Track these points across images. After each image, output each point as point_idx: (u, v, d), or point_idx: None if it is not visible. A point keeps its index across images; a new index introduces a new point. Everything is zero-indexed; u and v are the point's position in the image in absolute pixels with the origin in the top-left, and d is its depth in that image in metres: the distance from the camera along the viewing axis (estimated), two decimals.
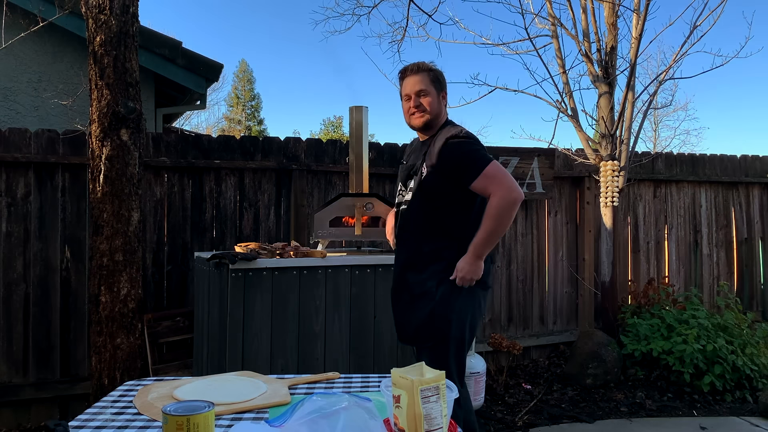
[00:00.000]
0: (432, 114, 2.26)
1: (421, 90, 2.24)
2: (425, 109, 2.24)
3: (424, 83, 2.24)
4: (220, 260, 2.93)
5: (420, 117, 2.26)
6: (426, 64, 2.28)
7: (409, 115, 2.28)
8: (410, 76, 2.26)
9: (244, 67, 32.37)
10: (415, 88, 2.24)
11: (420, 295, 2.22)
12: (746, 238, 5.66)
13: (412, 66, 2.28)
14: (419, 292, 2.22)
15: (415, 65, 2.28)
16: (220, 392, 1.40)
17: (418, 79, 2.24)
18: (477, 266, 2.15)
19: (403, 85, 2.30)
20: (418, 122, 2.27)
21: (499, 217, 2.11)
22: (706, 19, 4.40)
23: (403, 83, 2.29)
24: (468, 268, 2.14)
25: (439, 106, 2.29)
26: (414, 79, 2.25)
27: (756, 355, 4.24)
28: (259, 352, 2.90)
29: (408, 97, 2.27)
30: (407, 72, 2.27)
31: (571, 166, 4.97)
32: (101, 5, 2.84)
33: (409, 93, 2.26)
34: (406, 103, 2.29)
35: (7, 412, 3.51)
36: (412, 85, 2.25)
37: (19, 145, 3.54)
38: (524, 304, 4.85)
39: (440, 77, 2.29)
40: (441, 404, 1.10)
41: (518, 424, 3.63)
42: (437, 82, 2.28)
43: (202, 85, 5.12)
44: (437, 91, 2.27)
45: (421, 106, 2.24)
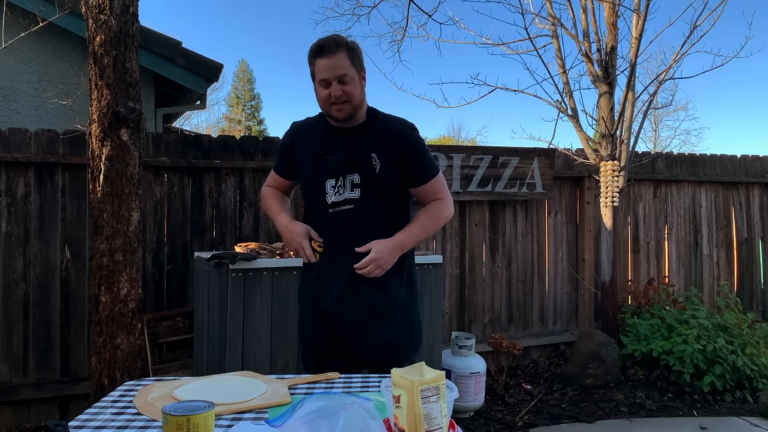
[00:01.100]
0: (357, 103, 1.89)
1: (344, 75, 1.84)
2: (348, 98, 1.86)
3: (344, 66, 1.84)
4: (220, 260, 2.93)
5: (343, 109, 1.87)
6: (342, 38, 1.87)
7: (329, 104, 1.88)
8: (327, 57, 1.84)
9: (244, 67, 32.40)
10: (334, 73, 1.84)
11: (386, 307, 1.92)
12: (746, 238, 5.66)
13: (328, 42, 1.84)
14: (384, 304, 1.92)
15: (332, 40, 1.85)
16: (220, 392, 1.40)
17: (337, 61, 1.83)
18: (396, 257, 1.87)
19: (317, 67, 1.86)
20: (341, 115, 1.88)
21: (440, 222, 1.98)
22: (706, 19, 4.41)
23: (318, 64, 1.86)
24: (389, 256, 1.84)
25: (362, 92, 1.92)
26: (332, 62, 1.83)
27: (756, 355, 4.23)
28: (259, 352, 2.90)
29: (326, 83, 1.85)
30: (323, 51, 1.84)
31: (571, 166, 4.96)
32: (101, 5, 2.84)
33: (328, 78, 1.84)
34: (324, 90, 1.87)
35: (7, 412, 3.51)
36: (331, 69, 1.84)
37: (19, 145, 3.54)
38: (524, 304, 4.85)
39: (359, 53, 1.91)
40: (441, 404, 1.10)
41: (518, 424, 3.63)
42: (357, 61, 1.89)
43: (202, 85, 5.11)
44: (358, 73, 1.89)
45: (343, 96, 1.85)
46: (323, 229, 1.93)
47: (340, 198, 1.90)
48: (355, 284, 1.89)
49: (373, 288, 1.90)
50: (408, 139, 1.94)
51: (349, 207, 1.90)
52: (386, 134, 1.93)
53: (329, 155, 1.92)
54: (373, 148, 1.90)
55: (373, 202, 1.90)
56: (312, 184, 1.96)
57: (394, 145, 1.91)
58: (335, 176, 1.91)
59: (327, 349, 1.96)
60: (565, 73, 4.68)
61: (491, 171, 4.54)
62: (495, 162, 4.55)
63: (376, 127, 1.94)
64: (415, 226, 1.93)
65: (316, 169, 1.94)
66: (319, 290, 1.95)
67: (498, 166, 4.56)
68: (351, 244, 1.89)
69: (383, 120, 1.97)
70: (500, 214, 4.76)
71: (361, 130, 1.95)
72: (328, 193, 1.92)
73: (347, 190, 1.90)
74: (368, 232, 1.89)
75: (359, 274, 1.86)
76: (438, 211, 1.97)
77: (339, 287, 1.91)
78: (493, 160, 4.54)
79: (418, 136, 1.98)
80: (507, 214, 4.79)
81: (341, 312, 1.91)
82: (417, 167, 1.94)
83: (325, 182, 1.92)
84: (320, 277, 1.95)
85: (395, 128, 1.95)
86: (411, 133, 1.95)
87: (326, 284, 1.93)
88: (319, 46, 1.86)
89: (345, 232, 1.90)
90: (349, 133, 1.95)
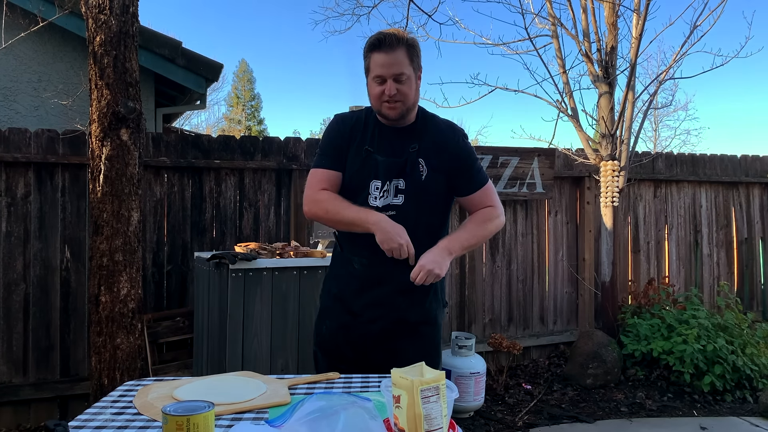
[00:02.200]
0: (411, 104, 1.81)
1: (401, 74, 1.76)
2: (403, 98, 1.78)
3: (402, 64, 1.76)
4: (220, 260, 2.93)
5: (396, 108, 1.79)
6: (403, 33, 1.79)
7: (381, 102, 1.79)
8: (386, 53, 1.75)
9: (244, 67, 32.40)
10: (392, 71, 1.75)
11: (417, 325, 1.85)
12: (746, 238, 5.66)
13: (388, 37, 1.75)
14: (416, 321, 1.84)
15: (392, 36, 1.76)
16: (220, 392, 1.40)
17: (396, 57, 1.75)
18: (446, 266, 1.75)
19: (373, 61, 1.78)
20: (394, 114, 1.80)
21: (489, 229, 1.86)
22: (706, 19, 4.41)
23: (374, 58, 1.78)
24: (441, 264, 1.71)
25: (417, 92, 1.84)
26: (390, 58, 1.75)
27: (756, 355, 4.23)
28: (259, 352, 2.90)
29: (381, 80, 1.77)
30: (382, 46, 1.76)
31: (571, 166, 4.96)
32: (101, 5, 2.84)
33: (384, 75, 1.76)
34: (377, 87, 1.78)
35: (7, 412, 3.51)
36: (389, 66, 1.75)
37: (19, 145, 3.54)
38: (524, 304, 4.85)
39: (418, 51, 1.83)
40: (441, 404, 1.10)
41: (518, 425, 3.63)
42: (416, 59, 1.81)
43: (202, 85, 5.11)
44: (415, 72, 1.81)
45: (398, 95, 1.76)
46: (364, 244, 1.80)
47: (384, 203, 1.81)
48: (390, 294, 1.82)
49: (409, 303, 1.83)
50: (458, 147, 1.86)
51: (391, 213, 1.79)
52: (436, 139, 1.85)
53: (377, 154, 1.82)
54: (422, 153, 1.82)
55: (416, 209, 1.81)
56: (356, 182, 1.84)
57: (444, 153, 1.84)
58: (381, 179, 1.81)
59: (343, 351, 1.87)
60: (565, 73, 4.68)
61: (491, 171, 4.54)
62: (495, 162, 4.55)
63: (426, 131, 1.86)
64: (462, 231, 1.83)
65: (363, 167, 1.82)
66: (349, 290, 1.87)
67: (498, 166, 4.56)
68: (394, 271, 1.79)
69: (433, 123, 1.89)
70: None
71: (411, 132, 1.86)
72: (372, 194, 1.81)
73: (391, 195, 1.81)
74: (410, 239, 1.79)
75: (395, 284, 1.79)
76: (486, 217, 1.86)
77: (374, 292, 1.83)
78: (493, 160, 4.54)
79: (468, 144, 1.89)
80: (507, 214, 4.79)
81: (370, 316, 1.83)
82: (466, 176, 1.87)
83: (370, 183, 1.82)
84: (355, 277, 1.86)
85: (445, 134, 1.87)
86: (461, 141, 1.87)
87: (360, 285, 1.85)
88: (378, 40, 1.76)
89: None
90: (398, 133, 1.86)
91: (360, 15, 5.23)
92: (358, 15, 5.22)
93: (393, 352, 1.83)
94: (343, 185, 1.86)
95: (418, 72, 1.83)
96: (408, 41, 1.78)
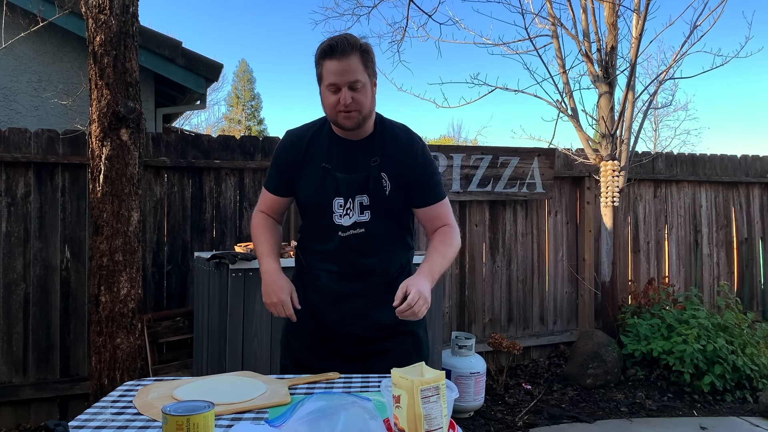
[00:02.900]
0: (367, 112, 1.71)
1: (356, 81, 1.65)
2: (359, 107, 1.68)
3: (357, 71, 1.65)
4: (220, 260, 2.93)
5: (352, 118, 1.69)
6: (355, 39, 1.68)
7: (336, 111, 1.69)
8: (339, 59, 1.64)
9: (244, 67, 32.40)
10: (346, 79, 1.65)
11: (396, 326, 1.78)
12: (746, 238, 5.66)
13: (340, 43, 1.64)
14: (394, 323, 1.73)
15: (344, 41, 1.65)
16: (220, 392, 1.40)
17: (349, 64, 1.64)
18: (430, 292, 1.64)
19: (326, 69, 1.66)
20: (350, 123, 1.70)
21: (455, 251, 1.79)
22: (706, 19, 4.41)
23: (327, 66, 1.66)
24: (428, 290, 1.60)
25: (373, 99, 1.74)
26: (343, 65, 1.64)
27: (756, 355, 4.23)
28: (259, 352, 2.90)
29: (335, 88, 1.66)
30: (334, 52, 1.64)
31: (571, 166, 4.97)
32: (101, 5, 2.84)
33: (338, 84, 1.65)
34: (331, 96, 1.67)
35: (6, 412, 3.51)
36: (342, 74, 1.64)
37: (19, 145, 3.54)
38: (524, 304, 4.85)
39: (373, 56, 1.72)
40: (441, 404, 1.10)
41: (518, 424, 3.63)
42: (370, 65, 1.71)
43: (202, 85, 5.11)
44: (370, 78, 1.71)
45: (353, 104, 1.66)
46: (332, 253, 1.78)
47: (350, 222, 1.75)
48: (364, 306, 1.79)
49: (387, 311, 1.71)
50: (418, 157, 1.78)
51: (360, 231, 1.75)
52: (395, 150, 1.77)
53: (336, 171, 1.75)
54: (383, 166, 1.75)
55: (384, 223, 1.77)
56: (316, 201, 1.77)
57: (404, 164, 1.76)
58: (343, 195, 1.75)
59: (320, 362, 1.80)
60: (565, 73, 4.68)
61: (491, 171, 4.54)
62: (495, 162, 4.55)
63: (386, 142, 1.78)
64: (440, 258, 1.73)
65: (322, 185, 1.76)
66: (320, 305, 1.82)
67: (498, 166, 4.56)
68: (363, 269, 1.78)
69: (392, 133, 1.80)
70: (500, 214, 4.76)
71: (370, 143, 1.78)
72: (336, 212, 1.76)
73: (356, 213, 1.75)
74: (380, 253, 1.79)
75: (368, 296, 1.77)
76: (452, 239, 1.79)
77: (346, 305, 1.79)
78: (493, 160, 4.54)
79: (428, 154, 1.82)
80: (507, 214, 4.79)
81: (347, 329, 1.79)
82: (424, 188, 1.79)
83: (333, 200, 1.75)
84: (324, 292, 1.81)
85: (405, 144, 1.79)
86: (421, 150, 1.79)
87: (331, 300, 1.80)
88: (329, 46, 1.65)
89: (357, 255, 1.77)
90: (356, 146, 1.77)
91: (360, 15, 5.23)
92: (358, 15, 5.23)
93: (376, 353, 1.80)
94: (306, 203, 1.82)
95: (373, 78, 1.73)
96: (361, 46, 1.68)
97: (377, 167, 1.75)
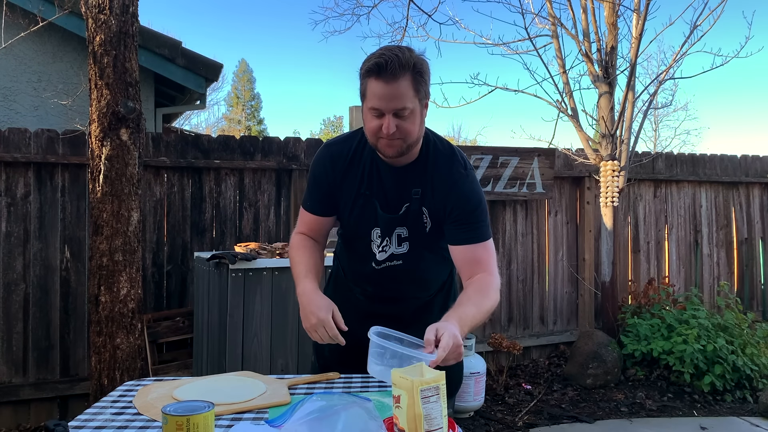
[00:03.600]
0: (413, 140, 1.51)
1: (403, 109, 1.44)
2: (404, 136, 1.47)
3: (406, 96, 1.43)
4: (220, 260, 2.93)
5: (394, 146, 1.49)
6: (409, 55, 1.44)
7: (377, 138, 1.49)
8: (386, 82, 1.42)
9: (244, 67, 32.42)
10: (391, 105, 1.43)
11: None
12: (746, 238, 5.66)
13: (391, 62, 1.40)
14: None
15: (396, 60, 1.41)
16: (220, 392, 1.40)
17: (398, 88, 1.42)
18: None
19: (370, 89, 1.45)
20: (392, 152, 1.51)
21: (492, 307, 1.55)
22: (706, 19, 4.41)
23: (372, 86, 1.44)
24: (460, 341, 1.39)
25: (423, 124, 1.54)
26: (392, 89, 1.42)
27: (756, 355, 4.23)
28: (259, 352, 2.90)
29: (378, 113, 1.45)
30: (382, 73, 1.41)
31: (571, 166, 4.97)
32: (101, 5, 2.84)
33: (382, 109, 1.44)
34: (374, 120, 1.47)
35: (6, 412, 3.50)
36: (389, 99, 1.43)
37: (19, 145, 3.54)
38: (524, 304, 4.85)
39: (427, 76, 1.49)
40: (441, 404, 1.10)
41: (518, 425, 3.63)
42: (423, 87, 1.47)
43: (201, 85, 5.12)
44: (421, 102, 1.48)
45: (398, 132, 1.46)
46: (367, 280, 1.71)
47: (387, 255, 1.65)
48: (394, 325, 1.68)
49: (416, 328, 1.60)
50: (458, 189, 1.57)
51: (397, 263, 1.65)
52: (437, 181, 1.58)
53: (375, 199, 1.61)
54: (424, 200, 1.59)
55: (421, 255, 1.66)
56: (355, 227, 1.66)
57: (444, 196, 1.58)
58: (381, 227, 1.63)
59: (349, 367, 1.72)
60: (565, 73, 4.68)
61: (491, 171, 4.54)
62: (495, 162, 4.55)
63: (429, 170, 1.59)
64: (468, 306, 1.48)
65: (363, 213, 1.62)
66: (350, 318, 1.66)
67: (498, 166, 4.56)
68: (399, 293, 1.72)
69: (434, 159, 1.60)
70: (500, 214, 4.76)
71: (414, 170, 1.59)
72: (374, 241, 1.65)
73: (394, 245, 1.64)
74: (417, 282, 1.72)
75: (399, 317, 1.67)
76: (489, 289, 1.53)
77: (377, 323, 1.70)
78: (493, 160, 4.54)
79: (473, 184, 1.60)
80: (507, 214, 4.79)
81: None
82: (463, 222, 1.58)
83: (372, 231, 1.64)
84: (356, 306, 1.74)
85: (446, 172, 1.59)
86: (462, 181, 1.58)
87: (361, 316, 1.70)
88: (377, 65, 1.42)
89: (392, 283, 1.70)
90: (399, 173, 1.59)
91: (360, 15, 5.22)
92: (358, 15, 5.22)
93: None
94: (344, 224, 1.71)
95: (424, 101, 1.50)
96: (415, 66, 1.44)
97: (418, 201, 1.59)
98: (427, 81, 1.49)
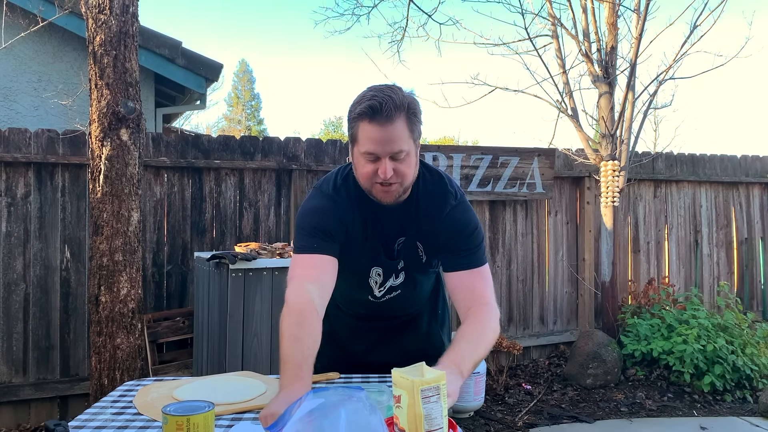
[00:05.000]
0: (409, 183, 1.46)
1: (399, 152, 1.37)
2: (402, 179, 1.41)
3: (402, 139, 1.37)
4: (220, 260, 2.93)
5: (391, 192, 1.43)
6: (402, 96, 1.37)
7: (372, 183, 1.42)
8: (380, 125, 1.34)
9: (244, 67, 32.43)
10: (387, 148, 1.36)
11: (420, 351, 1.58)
12: (746, 238, 5.66)
13: (385, 104, 1.33)
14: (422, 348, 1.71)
15: (389, 101, 1.34)
16: (220, 392, 1.40)
17: (394, 131, 1.35)
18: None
19: (362, 133, 1.37)
20: (389, 199, 1.45)
21: (493, 339, 1.47)
22: (706, 19, 4.41)
23: (364, 130, 1.37)
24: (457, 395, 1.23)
25: (417, 165, 1.47)
26: (387, 133, 1.35)
27: (756, 355, 4.23)
28: (259, 352, 2.90)
29: (373, 157, 1.38)
30: (376, 116, 1.34)
31: (571, 166, 4.97)
32: (101, 5, 2.84)
33: (378, 154, 1.37)
34: (368, 165, 1.40)
35: (6, 412, 3.50)
36: (384, 143, 1.36)
37: (19, 145, 3.54)
38: (524, 304, 4.85)
39: (419, 114, 1.43)
40: (441, 404, 1.10)
41: (518, 425, 3.63)
42: (417, 126, 1.42)
43: (202, 85, 5.12)
44: (415, 143, 1.42)
45: (395, 176, 1.39)
46: (361, 306, 1.70)
47: (386, 289, 1.63)
48: (387, 336, 1.73)
49: (411, 339, 1.72)
50: (449, 219, 1.53)
51: (395, 294, 1.65)
52: (432, 219, 1.53)
53: (372, 240, 1.56)
54: (419, 235, 1.55)
55: (416, 280, 1.65)
56: (355, 266, 1.59)
57: (436, 228, 1.53)
58: (382, 267, 1.60)
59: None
60: (565, 73, 4.68)
61: (491, 171, 4.54)
62: (495, 162, 4.55)
63: (423, 207, 1.54)
64: (463, 345, 1.36)
65: (362, 253, 1.57)
66: (343, 334, 1.75)
67: (498, 166, 4.56)
68: (391, 314, 1.72)
69: (424, 193, 1.55)
70: (500, 214, 4.76)
71: (407, 210, 1.54)
72: (372, 277, 1.61)
73: (392, 279, 1.63)
74: (411, 303, 1.72)
75: (391, 330, 1.72)
76: (488, 319, 1.47)
77: (370, 337, 1.75)
78: (493, 160, 4.54)
79: (466, 212, 1.56)
80: (507, 214, 4.79)
81: (372, 358, 1.72)
82: (455, 250, 1.53)
83: (371, 268, 1.60)
84: (348, 324, 1.75)
85: (436, 205, 1.54)
86: (452, 211, 1.53)
87: (354, 332, 1.75)
88: (371, 108, 1.34)
89: (388, 311, 1.70)
90: (392, 214, 1.54)
91: (360, 15, 5.23)
92: (357, 15, 5.22)
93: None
94: (345, 264, 1.54)
95: (418, 140, 1.44)
96: (408, 107, 1.37)
97: (413, 237, 1.56)
98: (420, 118, 1.43)
